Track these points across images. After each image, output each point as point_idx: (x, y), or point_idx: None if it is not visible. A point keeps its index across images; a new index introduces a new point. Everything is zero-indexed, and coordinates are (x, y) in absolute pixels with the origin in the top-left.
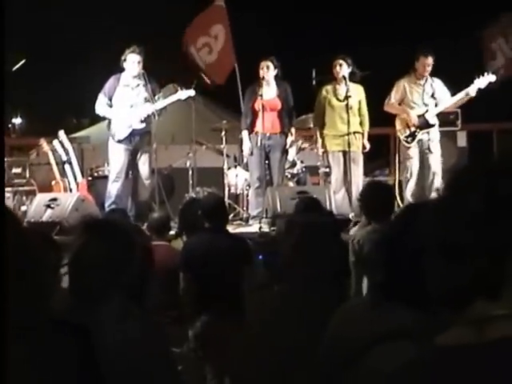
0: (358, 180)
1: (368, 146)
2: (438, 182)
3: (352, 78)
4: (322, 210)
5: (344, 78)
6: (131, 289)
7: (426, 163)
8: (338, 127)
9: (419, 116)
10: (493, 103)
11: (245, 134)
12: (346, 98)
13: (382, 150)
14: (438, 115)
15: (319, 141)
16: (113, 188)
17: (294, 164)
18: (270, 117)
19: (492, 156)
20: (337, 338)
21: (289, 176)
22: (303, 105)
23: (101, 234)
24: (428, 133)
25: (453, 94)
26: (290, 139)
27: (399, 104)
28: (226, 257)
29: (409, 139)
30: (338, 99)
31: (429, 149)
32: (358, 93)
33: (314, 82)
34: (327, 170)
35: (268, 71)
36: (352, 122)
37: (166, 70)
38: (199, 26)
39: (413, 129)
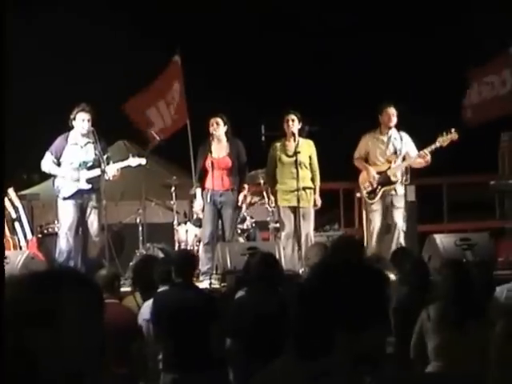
0: (308, 235)
1: (319, 202)
2: (401, 236)
3: (302, 133)
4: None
5: (293, 133)
6: None
7: (389, 218)
8: (288, 183)
9: (381, 172)
10: (441, 156)
11: (197, 191)
12: (295, 153)
13: (332, 204)
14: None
15: (270, 196)
16: (63, 245)
17: (243, 219)
18: (220, 174)
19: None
20: None
21: (239, 231)
22: (253, 160)
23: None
24: (392, 188)
25: (419, 150)
26: (242, 195)
27: (365, 158)
28: (197, 312)
29: (371, 195)
30: (287, 155)
31: (392, 203)
32: (308, 148)
33: (263, 138)
34: (277, 225)
35: (218, 128)
36: (302, 178)
37: (116, 126)
38: (162, 86)
39: (374, 185)
